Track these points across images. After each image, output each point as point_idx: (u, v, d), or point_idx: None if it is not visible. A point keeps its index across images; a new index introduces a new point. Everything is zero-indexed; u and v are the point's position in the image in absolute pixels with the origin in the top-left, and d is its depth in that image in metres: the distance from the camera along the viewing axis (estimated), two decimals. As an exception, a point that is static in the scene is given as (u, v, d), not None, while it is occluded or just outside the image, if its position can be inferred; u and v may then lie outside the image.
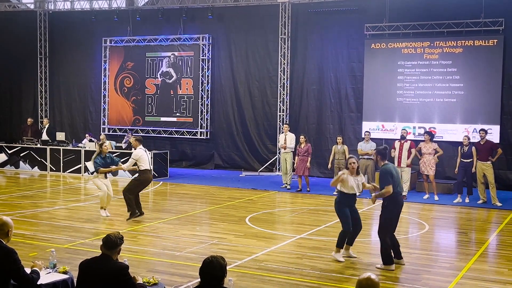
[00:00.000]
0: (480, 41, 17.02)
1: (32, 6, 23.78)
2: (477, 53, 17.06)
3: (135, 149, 12.14)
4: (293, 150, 16.57)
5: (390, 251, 8.53)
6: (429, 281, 7.89)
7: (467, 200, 14.54)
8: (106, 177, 12.22)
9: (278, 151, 17.82)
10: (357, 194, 8.98)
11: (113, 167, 12.33)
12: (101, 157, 12.07)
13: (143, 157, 11.90)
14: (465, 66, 17.23)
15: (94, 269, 5.06)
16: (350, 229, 8.81)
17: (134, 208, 11.67)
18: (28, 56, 23.51)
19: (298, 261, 8.77)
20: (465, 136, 15.03)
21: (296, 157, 16.02)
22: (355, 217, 8.93)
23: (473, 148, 14.52)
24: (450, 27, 17.31)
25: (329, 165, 15.96)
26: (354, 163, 8.88)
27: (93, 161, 12.15)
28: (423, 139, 15.50)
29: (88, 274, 5.07)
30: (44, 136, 20.13)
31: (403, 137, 15.33)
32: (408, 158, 14.96)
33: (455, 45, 17.32)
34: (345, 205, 8.84)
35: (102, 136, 19.30)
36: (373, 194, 8.96)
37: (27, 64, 23.66)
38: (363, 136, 16.41)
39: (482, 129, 14.80)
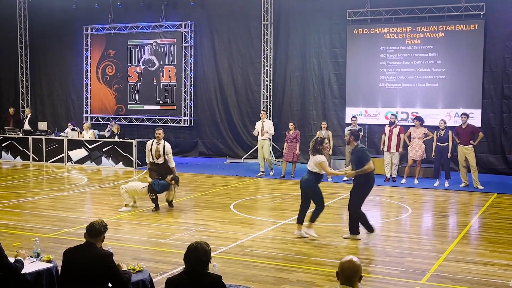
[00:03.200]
0: (461, 25, 17.11)
1: (11, -6, 23.48)
2: (458, 38, 17.16)
3: (158, 142, 11.57)
4: (270, 137, 16.69)
5: (366, 218, 9.06)
6: (412, 264, 7.98)
7: (446, 184, 14.67)
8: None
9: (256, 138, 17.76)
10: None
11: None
12: None
13: None
14: (447, 50, 17.32)
15: (78, 257, 5.06)
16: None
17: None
18: (8, 45, 23.23)
19: (283, 246, 8.82)
20: (441, 120, 15.16)
21: (285, 143, 16.10)
22: None
23: (450, 132, 14.69)
24: (432, 12, 17.38)
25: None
26: (327, 144, 9.42)
27: None
28: (413, 124, 15.65)
29: (73, 262, 5.06)
30: (26, 126, 19.98)
31: (392, 123, 15.53)
32: (397, 143, 15.21)
33: (436, 30, 17.40)
34: (318, 184, 9.35)
35: (85, 125, 19.20)
36: (351, 171, 9.15)
37: (7, 53, 23.40)
38: (350, 121, 16.46)
39: (464, 113, 14.94)
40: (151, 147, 11.58)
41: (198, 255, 4.48)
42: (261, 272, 7.54)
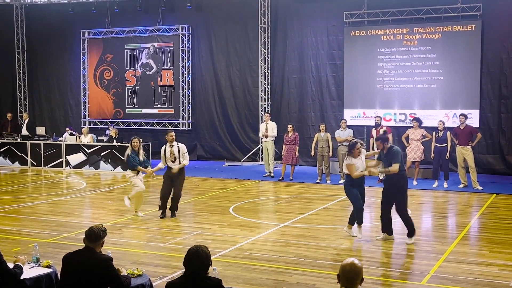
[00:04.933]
0: (459, 26, 17.13)
1: (8, 0, 23.44)
2: (455, 39, 17.17)
3: (171, 145, 11.24)
4: (274, 139, 16.73)
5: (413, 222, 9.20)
6: (412, 265, 7.98)
7: (445, 185, 14.67)
8: (137, 175, 11.25)
9: (260, 140, 17.85)
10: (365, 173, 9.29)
11: (149, 169, 11.37)
12: (135, 153, 11.18)
13: None
14: (444, 51, 17.33)
15: (77, 262, 5.04)
16: (362, 207, 9.37)
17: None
18: (6, 50, 23.21)
19: (282, 249, 8.81)
20: (439, 121, 15.16)
21: (284, 146, 16.09)
22: (362, 196, 9.47)
23: (448, 133, 14.69)
24: (429, 13, 17.40)
25: (312, 152, 16.07)
26: (359, 148, 9.27)
27: (126, 158, 11.23)
28: (411, 125, 15.66)
29: (72, 267, 5.05)
30: (24, 131, 19.94)
31: (378, 125, 15.60)
32: None
33: (433, 31, 17.41)
34: (353, 186, 9.34)
35: (84, 129, 19.17)
36: (378, 169, 9.45)
37: (4, 58, 23.37)
38: (340, 124, 16.50)
39: (462, 114, 14.94)
40: (165, 151, 11.32)
41: (199, 259, 4.47)
42: (261, 275, 7.52)
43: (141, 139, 11.62)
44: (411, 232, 9.15)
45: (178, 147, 11.27)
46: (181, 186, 11.34)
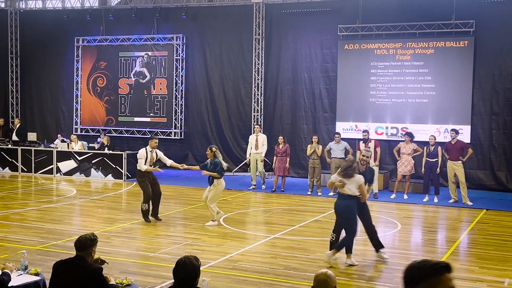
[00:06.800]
0: (451, 42, 17.26)
1: (2, 5, 23.43)
2: (448, 54, 17.29)
3: (152, 150, 11.88)
4: (264, 151, 16.70)
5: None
6: (401, 280, 7.96)
7: (435, 200, 14.70)
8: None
9: (248, 153, 17.59)
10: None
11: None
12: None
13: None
14: (437, 67, 17.45)
15: (67, 270, 5.02)
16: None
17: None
18: (-1, 55, 23.18)
19: (272, 261, 8.79)
20: (431, 136, 15.23)
21: (275, 158, 16.07)
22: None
23: (439, 148, 14.75)
24: (422, 28, 17.52)
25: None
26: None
27: (221, 165, 11.63)
28: (403, 139, 15.69)
29: (62, 275, 5.02)
30: (14, 137, 19.83)
31: (365, 140, 15.46)
32: (374, 158, 15.15)
33: (426, 46, 17.53)
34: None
35: (73, 137, 19.09)
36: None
37: (-3, 64, 23.33)
38: (334, 137, 16.52)
39: (453, 129, 15.02)
40: (146, 155, 11.85)
41: (186, 270, 4.45)
42: (250, 286, 7.50)
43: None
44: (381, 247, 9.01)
45: (156, 152, 12.00)
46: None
